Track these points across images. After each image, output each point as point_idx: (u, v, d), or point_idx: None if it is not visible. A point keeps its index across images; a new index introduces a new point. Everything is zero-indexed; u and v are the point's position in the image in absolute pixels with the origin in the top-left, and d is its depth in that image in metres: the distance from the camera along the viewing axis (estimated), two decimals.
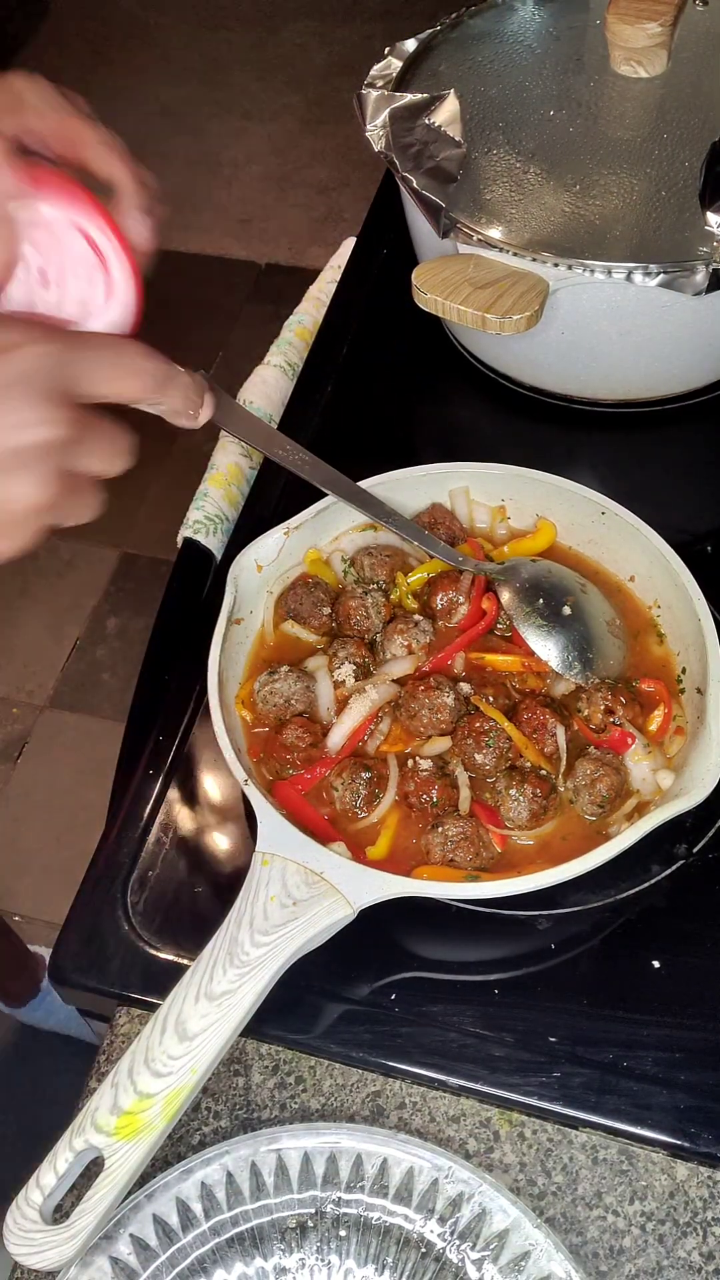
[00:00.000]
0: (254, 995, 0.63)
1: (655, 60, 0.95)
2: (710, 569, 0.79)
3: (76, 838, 1.84)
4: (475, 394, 1.03)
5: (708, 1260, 0.63)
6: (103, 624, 2.15)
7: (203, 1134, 0.68)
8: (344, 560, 0.85)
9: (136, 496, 2.31)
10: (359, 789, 0.73)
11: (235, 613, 0.79)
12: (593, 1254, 0.64)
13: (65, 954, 0.74)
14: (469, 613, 0.80)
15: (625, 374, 0.96)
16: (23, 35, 3.28)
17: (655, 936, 0.72)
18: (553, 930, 0.72)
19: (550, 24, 1.03)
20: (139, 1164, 0.60)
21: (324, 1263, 0.62)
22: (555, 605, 0.78)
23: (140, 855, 0.77)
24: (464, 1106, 0.69)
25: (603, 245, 0.86)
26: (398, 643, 0.79)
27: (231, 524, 0.96)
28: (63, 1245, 0.58)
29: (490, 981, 0.72)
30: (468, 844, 0.70)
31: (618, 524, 0.82)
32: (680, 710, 0.77)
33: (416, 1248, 0.62)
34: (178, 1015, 0.63)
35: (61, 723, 2.03)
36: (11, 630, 2.15)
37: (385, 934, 0.72)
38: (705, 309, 0.86)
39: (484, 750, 0.73)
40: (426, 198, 0.89)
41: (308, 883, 0.66)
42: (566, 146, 0.93)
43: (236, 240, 2.76)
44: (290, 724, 0.76)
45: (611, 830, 0.72)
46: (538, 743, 0.74)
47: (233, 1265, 0.62)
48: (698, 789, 0.68)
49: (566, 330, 0.90)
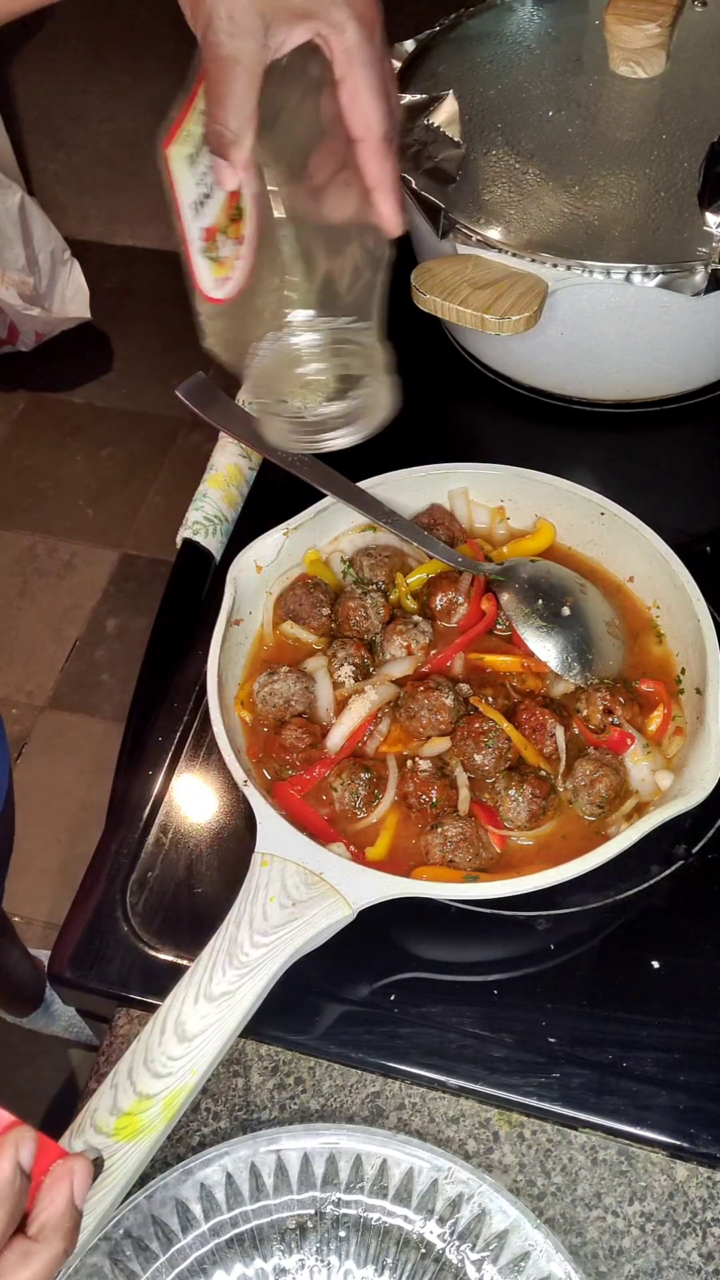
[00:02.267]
0: (253, 996, 0.63)
1: (654, 61, 0.95)
2: (710, 569, 0.79)
3: (76, 838, 1.84)
4: (474, 394, 1.03)
5: (707, 1261, 0.63)
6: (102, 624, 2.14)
7: (202, 1135, 0.68)
8: (343, 561, 0.85)
9: (136, 497, 2.31)
10: (358, 789, 0.73)
11: (235, 613, 0.79)
12: (592, 1255, 0.64)
13: (65, 954, 0.74)
14: (468, 613, 0.80)
15: (625, 374, 0.96)
16: (23, 35, 3.28)
17: (655, 937, 0.72)
18: (552, 931, 0.72)
19: (549, 25, 1.03)
20: (138, 1165, 0.60)
21: (323, 1263, 0.62)
22: (554, 606, 0.78)
23: (140, 855, 0.77)
24: (463, 1107, 0.69)
25: (602, 246, 0.86)
26: (397, 643, 0.79)
27: (231, 525, 0.96)
28: None
29: (490, 982, 0.72)
30: (467, 844, 0.70)
31: (617, 524, 0.82)
32: (679, 711, 0.77)
33: (416, 1248, 0.62)
34: (177, 1016, 0.63)
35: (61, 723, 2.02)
36: (11, 630, 2.15)
37: (385, 934, 0.72)
38: (704, 309, 0.86)
39: (483, 751, 0.73)
40: (425, 198, 0.89)
41: (307, 883, 0.66)
42: (565, 147, 0.93)
43: None
44: (290, 725, 0.76)
45: (611, 831, 0.72)
46: (537, 743, 0.74)
47: (232, 1266, 0.62)
48: (697, 789, 0.68)
49: (566, 331, 0.90)
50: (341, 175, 0.61)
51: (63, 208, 2.74)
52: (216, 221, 0.64)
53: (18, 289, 2.31)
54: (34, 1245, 0.47)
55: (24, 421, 2.45)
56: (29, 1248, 0.47)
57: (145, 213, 2.76)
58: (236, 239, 0.63)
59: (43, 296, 2.36)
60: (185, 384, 0.84)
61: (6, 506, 2.31)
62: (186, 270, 0.66)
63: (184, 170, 0.65)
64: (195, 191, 0.65)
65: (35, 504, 2.32)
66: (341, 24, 0.56)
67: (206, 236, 0.65)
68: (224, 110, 0.56)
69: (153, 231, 2.74)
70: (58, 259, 2.38)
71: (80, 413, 2.45)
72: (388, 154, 0.60)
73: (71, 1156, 0.50)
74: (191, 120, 0.64)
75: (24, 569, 2.22)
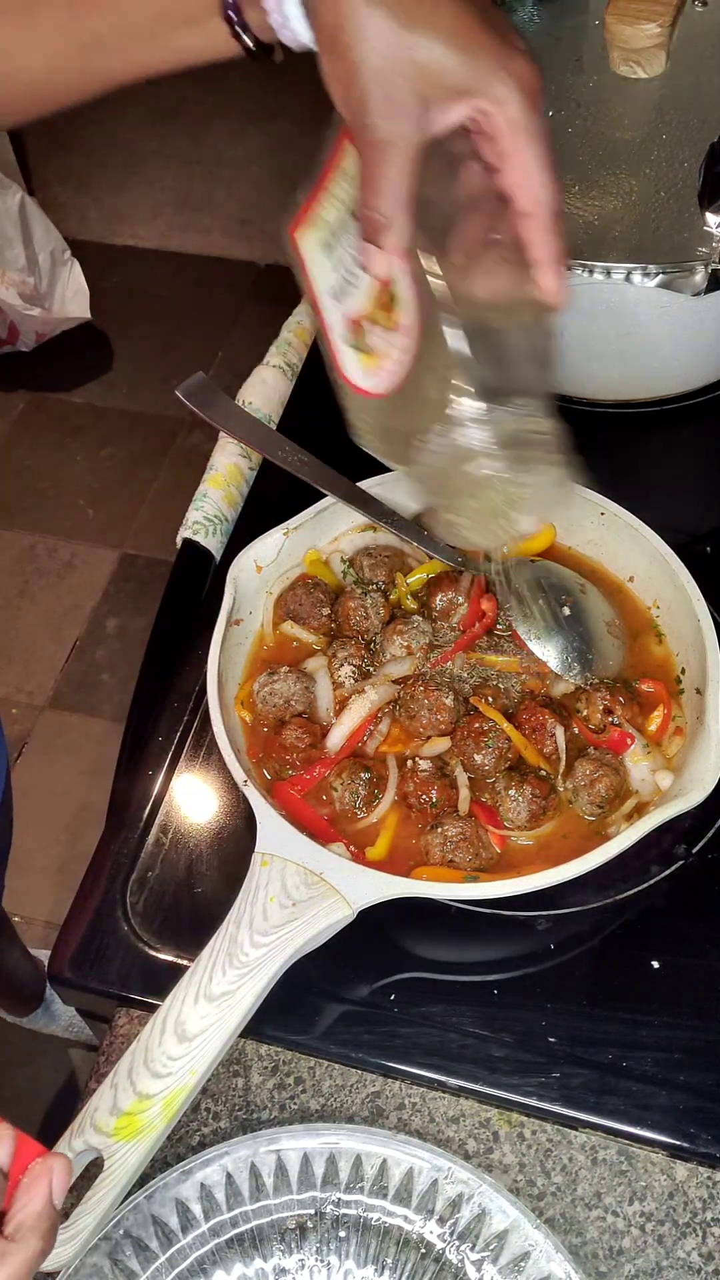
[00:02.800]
0: (253, 996, 0.63)
1: (654, 61, 0.95)
2: (710, 569, 0.79)
3: (76, 838, 1.84)
4: None
5: (707, 1260, 0.63)
6: (102, 624, 2.14)
7: (202, 1135, 0.68)
8: (343, 561, 0.85)
9: (136, 497, 2.31)
10: (358, 789, 0.73)
11: (235, 613, 0.79)
12: (592, 1254, 0.64)
13: (65, 954, 0.74)
14: (468, 613, 0.80)
15: (625, 374, 0.96)
16: None
17: (655, 937, 0.72)
18: (552, 930, 0.72)
19: (549, 24, 1.03)
20: (138, 1165, 0.60)
21: (323, 1263, 0.62)
22: (554, 606, 0.78)
23: (140, 855, 0.77)
24: (463, 1107, 0.69)
25: (602, 246, 0.86)
26: (397, 643, 0.79)
27: (231, 524, 0.96)
28: (62, 1246, 0.58)
29: (490, 982, 0.71)
30: (467, 844, 0.70)
31: (617, 525, 0.81)
32: (679, 711, 0.77)
33: (416, 1248, 0.62)
34: (177, 1016, 0.63)
35: (61, 723, 2.02)
36: (11, 630, 2.15)
37: (385, 934, 0.72)
38: (704, 309, 0.86)
39: (483, 751, 0.73)
40: None
41: (307, 883, 0.66)
42: (565, 147, 0.93)
43: (236, 240, 2.76)
44: (290, 725, 0.76)
45: (611, 830, 0.72)
46: (537, 743, 0.74)
47: (232, 1266, 0.62)
48: (697, 789, 0.68)
49: (566, 331, 0.90)
50: (492, 250, 0.57)
51: (63, 208, 2.74)
52: (363, 309, 0.61)
53: (18, 289, 2.31)
54: (9, 1245, 0.47)
55: (24, 421, 2.45)
56: (4, 1248, 0.47)
57: (145, 213, 2.76)
58: (390, 327, 0.59)
59: (43, 296, 2.36)
60: (185, 384, 0.84)
61: (6, 506, 2.31)
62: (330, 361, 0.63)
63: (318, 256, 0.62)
64: (333, 278, 0.62)
65: (35, 504, 2.32)
66: (504, 98, 0.52)
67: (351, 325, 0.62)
68: (379, 196, 0.53)
69: (153, 231, 2.74)
70: (58, 259, 2.38)
71: (80, 413, 2.45)
72: (557, 228, 0.56)
73: (50, 1155, 0.50)
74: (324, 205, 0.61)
75: (24, 569, 2.22)
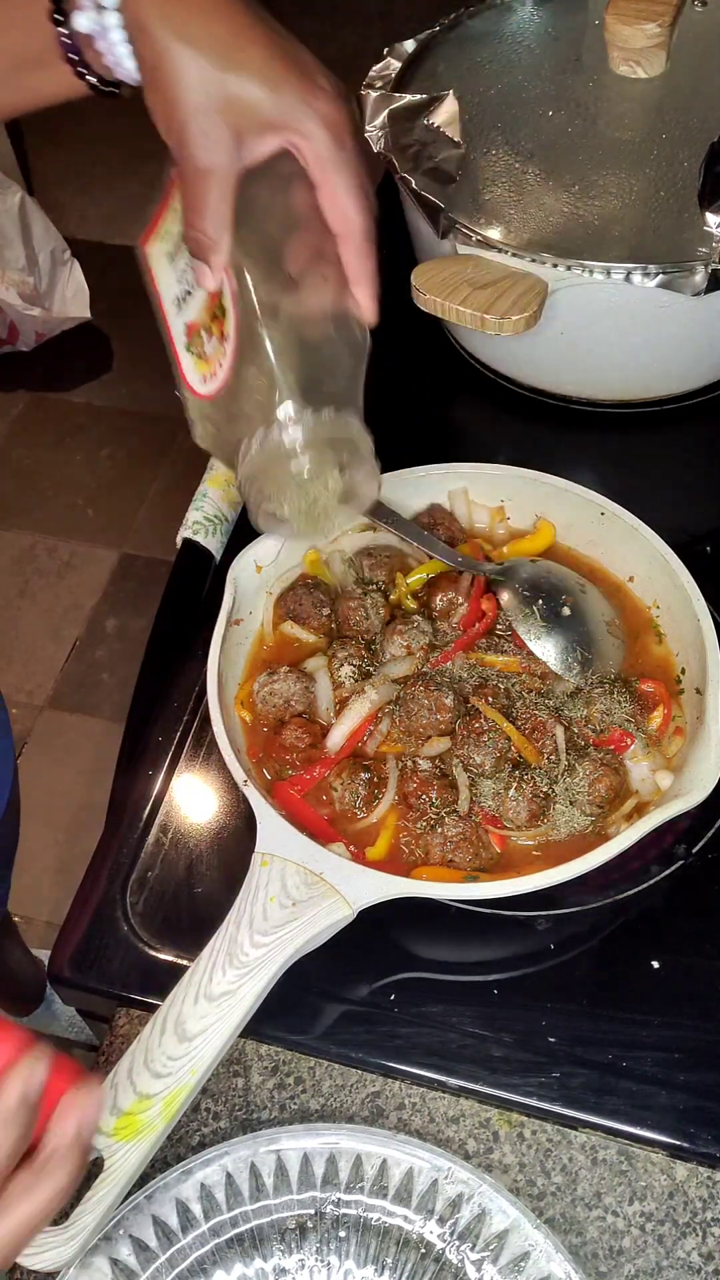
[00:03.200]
0: (253, 996, 0.63)
1: (654, 61, 0.95)
2: (710, 569, 0.79)
3: (76, 838, 1.84)
4: (474, 394, 1.03)
5: (707, 1260, 0.63)
6: (102, 624, 2.14)
7: (202, 1135, 0.68)
8: (343, 561, 0.85)
9: (136, 497, 2.31)
10: (358, 789, 0.73)
11: (235, 613, 0.79)
12: (592, 1254, 0.64)
13: (65, 954, 0.74)
14: (468, 613, 0.80)
15: (624, 374, 0.96)
16: None
17: (655, 936, 0.72)
18: (552, 930, 0.72)
19: (549, 24, 1.03)
20: (138, 1165, 0.60)
21: (323, 1263, 0.62)
22: (554, 606, 0.78)
23: (140, 855, 0.77)
24: (463, 1107, 0.69)
25: (601, 246, 0.86)
26: (397, 643, 0.79)
27: (231, 524, 0.96)
28: (62, 1246, 0.58)
29: (490, 982, 0.71)
30: (467, 844, 0.70)
31: (617, 524, 0.81)
32: (679, 711, 0.77)
33: (416, 1248, 0.62)
34: (177, 1016, 0.63)
35: (61, 723, 2.02)
36: (11, 630, 2.15)
37: (385, 934, 0.72)
38: (704, 309, 0.86)
39: (483, 751, 0.73)
40: (425, 198, 0.89)
41: (307, 883, 0.66)
42: (565, 147, 0.93)
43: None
44: (290, 724, 0.76)
45: (611, 830, 0.72)
46: (537, 743, 0.74)
47: (232, 1266, 0.62)
48: (697, 789, 0.68)
49: (566, 331, 0.90)
50: (317, 267, 0.62)
51: (63, 208, 2.74)
52: (199, 318, 0.65)
53: (18, 289, 2.31)
54: (37, 1178, 0.48)
55: (24, 421, 2.45)
56: (32, 1180, 0.48)
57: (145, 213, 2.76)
58: (220, 336, 0.63)
59: (43, 296, 2.36)
60: None
61: (6, 506, 2.31)
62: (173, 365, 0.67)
63: (164, 267, 0.67)
64: (177, 288, 0.66)
65: (35, 504, 2.32)
66: (311, 132, 0.57)
67: (189, 332, 0.66)
68: (201, 218, 0.59)
69: None
70: (58, 259, 2.38)
71: (80, 412, 2.45)
72: (368, 250, 0.62)
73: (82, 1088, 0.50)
74: (168, 220, 0.66)
75: (24, 569, 2.22)
